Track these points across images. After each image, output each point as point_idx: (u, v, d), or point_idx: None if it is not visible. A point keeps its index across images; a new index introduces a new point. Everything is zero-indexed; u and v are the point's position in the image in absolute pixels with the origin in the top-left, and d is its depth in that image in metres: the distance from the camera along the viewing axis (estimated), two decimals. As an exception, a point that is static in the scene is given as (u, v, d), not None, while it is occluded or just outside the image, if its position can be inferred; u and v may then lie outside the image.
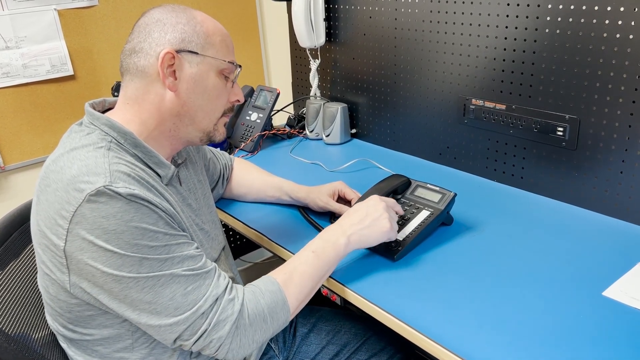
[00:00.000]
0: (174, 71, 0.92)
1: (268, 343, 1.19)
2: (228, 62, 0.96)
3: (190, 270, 0.86)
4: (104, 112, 0.98)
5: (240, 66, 1.00)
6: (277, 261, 1.11)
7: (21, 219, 1.07)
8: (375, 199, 1.10)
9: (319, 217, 1.30)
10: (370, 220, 1.05)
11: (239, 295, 0.90)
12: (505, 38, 1.36)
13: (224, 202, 1.42)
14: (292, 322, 1.28)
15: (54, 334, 0.99)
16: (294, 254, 1.17)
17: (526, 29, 1.31)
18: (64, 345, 0.97)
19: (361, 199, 1.20)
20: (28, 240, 1.08)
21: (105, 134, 0.90)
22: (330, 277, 1.07)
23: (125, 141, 0.91)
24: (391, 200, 1.13)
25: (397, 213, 1.14)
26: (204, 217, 1.07)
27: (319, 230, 1.23)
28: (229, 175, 1.40)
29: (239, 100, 1.03)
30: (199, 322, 0.85)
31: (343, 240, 1.02)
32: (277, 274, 0.97)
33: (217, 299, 0.87)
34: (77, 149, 0.88)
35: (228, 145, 1.85)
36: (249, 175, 1.41)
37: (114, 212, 0.80)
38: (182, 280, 0.85)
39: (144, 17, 0.95)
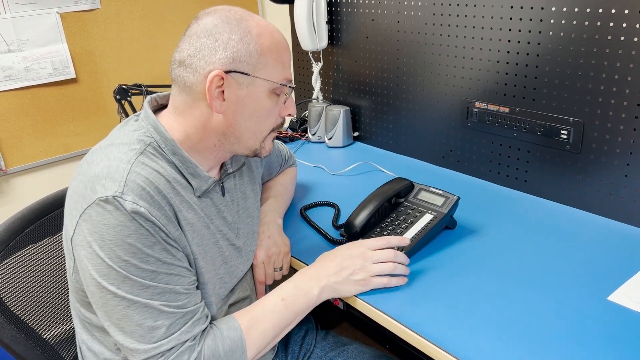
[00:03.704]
0: (223, 91, 0.89)
1: None
2: (280, 84, 0.93)
3: (166, 306, 0.84)
4: (165, 106, 0.97)
5: (293, 87, 0.97)
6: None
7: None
8: (355, 249, 1.02)
9: (320, 220, 1.29)
10: (347, 274, 0.99)
11: (200, 342, 0.87)
12: (509, 41, 1.35)
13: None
14: (307, 350, 1.23)
15: (66, 332, 1.02)
16: (294, 257, 1.16)
17: (530, 31, 1.30)
18: (74, 317, 0.99)
19: (362, 205, 1.19)
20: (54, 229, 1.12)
21: (149, 135, 0.91)
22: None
23: (165, 146, 0.90)
24: (381, 252, 1.02)
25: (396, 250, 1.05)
26: (241, 231, 1.05)
27: (320, 233, 1.22)
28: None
29: (290, 114, 1.00)
30: (154, 359, 0.84)
31: (316, 292, 0.97)
32: (242, 318, 0.93)
33: (178, 344, 0.85)
34: (114, 145, 0.89)
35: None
36: (266, 189, 1.32)
37: (115, 224, 0.80)
38: (155, 313, 0.83)
39: (196, 25, 0.90)
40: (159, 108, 0.98)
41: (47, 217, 1.09)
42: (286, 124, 2.06)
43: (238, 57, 0.88)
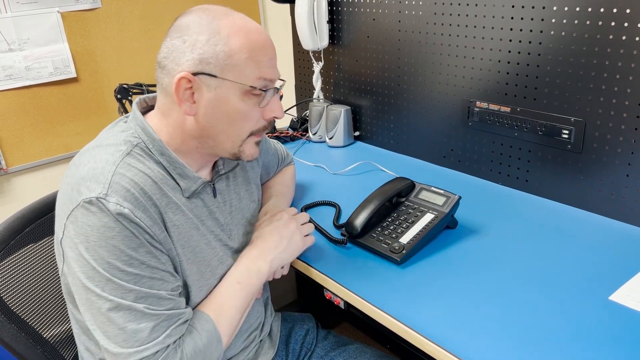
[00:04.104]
0: (194, 93, 0.88)
1: None
2: (250, 86, 0.89)
3: (150, 309, 0.83)
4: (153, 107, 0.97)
5: (266, 89, 0.91)
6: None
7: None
8: (284, 218, 1.09)
9: (321, 220, 1.29)
10: (286, 242, 1.05)
11: (181, 343, 0.87)
12: (510, 40, 1.35)
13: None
14: (308, 349, 1.23)
15: (66, 332, 1.03)
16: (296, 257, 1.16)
17: (531, 30, 1.30)
18: (70, 319, 0.99)
19: (363, 205, 1.19)
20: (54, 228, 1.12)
21: (137, 136, 0.90)
22: (333, 280, 1.07)
23: (153, 147, 0.90)
24: (300, 215, 1.14)
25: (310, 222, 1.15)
26: (234, 232, 1.04)
27: (321, 233, 1.22)
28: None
29: (276, 117, 0.95)
30: None
31: (266, 267, 1.01)
32: (208, 309, 0.94)
33: (162, 348, 0.84)
34: (101, 146, 0.89)
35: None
36: (266, 189, 1.32)
37: (99, 225, 0.80)
38: (139, 315, 0.82)
39: (174, 23, 0.90)
40: (149, 109, 0.98)
41: (47, 217, 1.09)
42: (287, 124, 2.05)
43: (205, 59, 0.86)
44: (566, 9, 1.22)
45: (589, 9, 1.18)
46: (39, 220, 1.08)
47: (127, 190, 0.83)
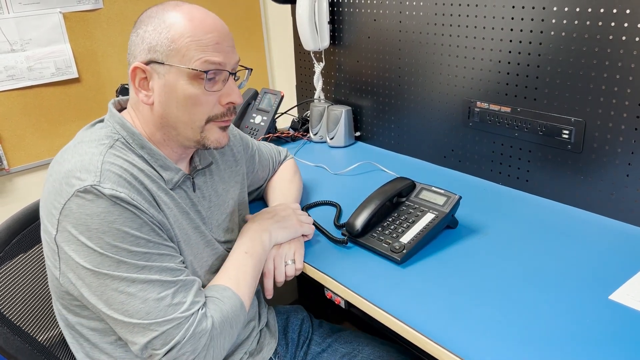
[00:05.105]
0: (149, 82, 0.91)
1: (270, 357, 1.16)
2: (191, 68, 0.89)
3: (165, 279, 0.85)
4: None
5: (207, 71, 0.89)
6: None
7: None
8: (283, 204, 1.20)
9: (322, 220, 1.29)
10: (280, 218, 1.13)
11: (208, 310, 0.89)
12: (510, 40, 1.35)
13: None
14: (306, 337, 1.26)
15: (60, 334, 1.01)
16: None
17: (531, 31, 1.30)
18: (63, 328, 0.98)
19: (363, 204, 1.20)
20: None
21: (116, 132, 0.92)
22: (334, 279, 1.07)
23: (133, 141, 0.92)
24: (301, 212, 1.21)
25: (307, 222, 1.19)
26: (214, 227, 1.06)
27: (322, 232, 1.23)
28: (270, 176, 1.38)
29: (232, 102, 0.95)
30: (172, 332, 0.84)
31: (266, 236, 1.08)
32: (224, 280, 0.97)
33: (194, 312, 0.86)
34: (83, 142, 0.90)
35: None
36: (269, 189, 1.35)
37: (98, 212, 0.81)
38: (157, 285, 0.84)
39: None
40: (122, 111, 1.00)
41: (33, 225, 1.07)
42: (288, 124, 2.06)
43: (152, 47, 0.89)
44: (566, 9, 1.22)
45: (589, 10, 1.18)
46: (25, 230, 1.06)
47: (119, 176, 0.84)
